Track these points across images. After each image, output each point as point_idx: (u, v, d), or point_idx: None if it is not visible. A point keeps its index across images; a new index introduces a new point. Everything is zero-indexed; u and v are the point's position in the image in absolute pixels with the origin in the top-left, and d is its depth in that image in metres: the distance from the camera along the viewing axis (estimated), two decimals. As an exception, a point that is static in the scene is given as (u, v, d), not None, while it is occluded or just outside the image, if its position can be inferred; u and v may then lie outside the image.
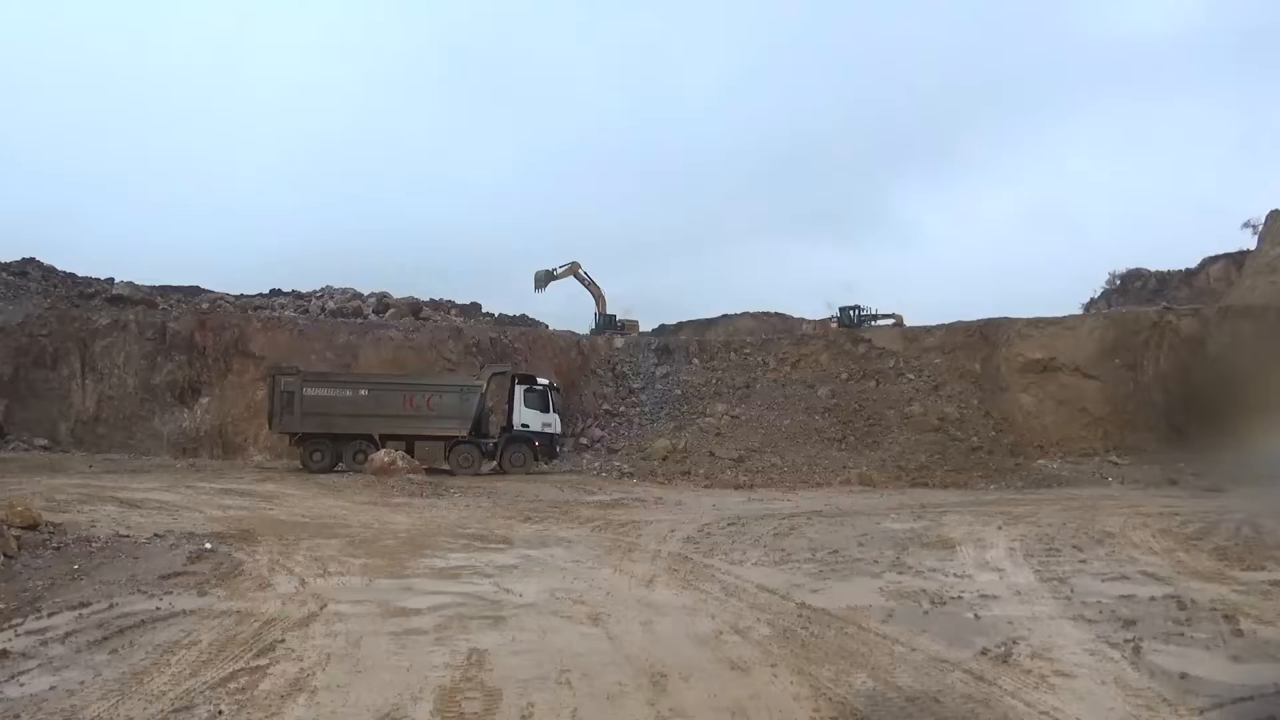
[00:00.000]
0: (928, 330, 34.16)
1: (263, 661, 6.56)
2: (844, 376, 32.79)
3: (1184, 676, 6.62)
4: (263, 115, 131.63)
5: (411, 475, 22.29)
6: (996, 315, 33.30)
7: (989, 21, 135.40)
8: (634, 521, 15.81)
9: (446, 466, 25.80)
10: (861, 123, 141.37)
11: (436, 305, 41.70)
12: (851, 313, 41.85)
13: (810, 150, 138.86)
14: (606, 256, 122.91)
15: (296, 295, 40.90)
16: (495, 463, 26.74)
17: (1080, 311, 42.46)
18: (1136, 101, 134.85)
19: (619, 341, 38.53)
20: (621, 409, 33.38)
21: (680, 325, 51.14)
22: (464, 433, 26.11)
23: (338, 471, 24.85)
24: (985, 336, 32.72)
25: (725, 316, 50.84)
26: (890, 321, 39.85)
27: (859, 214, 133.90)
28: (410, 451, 25.26)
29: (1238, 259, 45.54)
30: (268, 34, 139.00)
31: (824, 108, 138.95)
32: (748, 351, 35.82)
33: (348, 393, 26.23)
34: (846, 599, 9.17)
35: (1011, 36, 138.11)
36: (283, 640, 7.16)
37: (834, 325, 41.58)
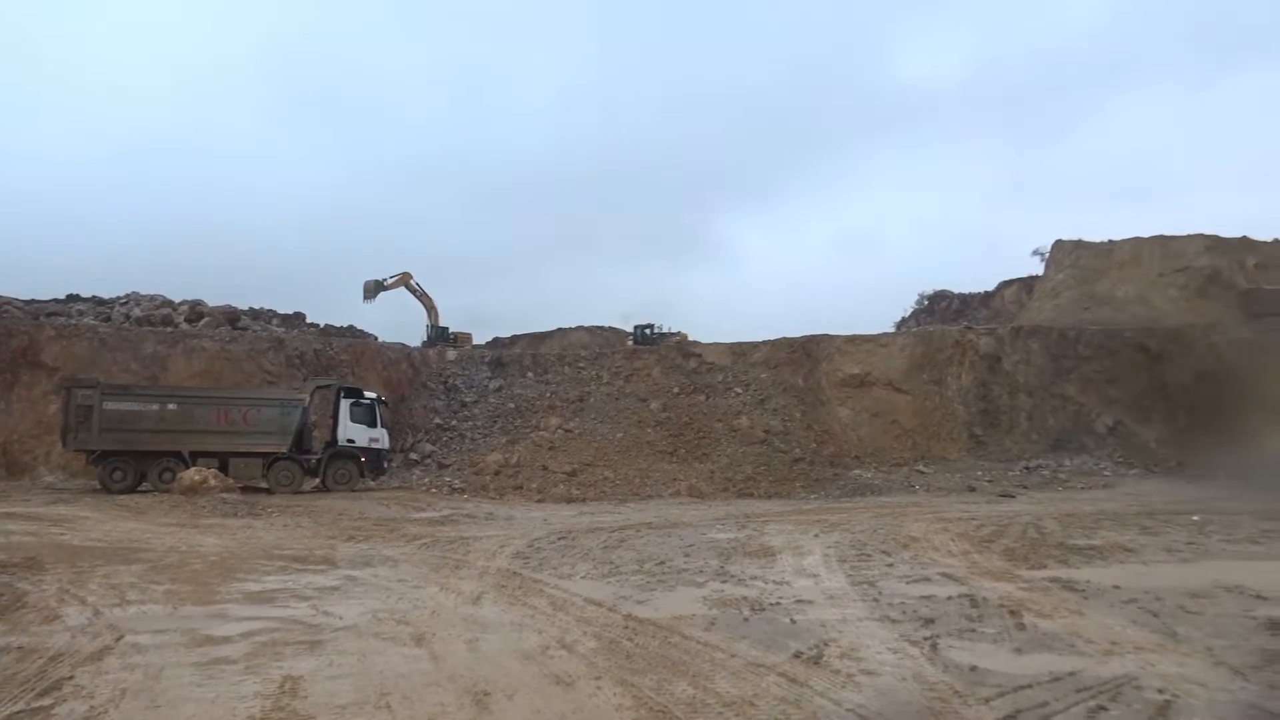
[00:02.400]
0: (755, 346, 35.45)
1: (46, 701, 6.03)
2: (675, 390, 33.54)
3: (974, 669, 7.18)
4: (70, 113, 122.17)
5: (225, 494, 21.07)
6: (818, 332, 35.10)
7: (801, 62, 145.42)
8: (463, 538, 15.57)
9: (265, 485, 24.50)
10: (687, 149, 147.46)
11: (256, 315, 39.64)
12: (646, 330, 43.31)
13: (640, 173, 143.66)
14: (439, 269, 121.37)
15: (98, 301, 37.76)
16: (318, 480, 25.65)
17: (893, 330, 45.28)
18: (930, 142, 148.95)
19: (451, 354, 37.90)
20: (453, 423, 32.80)
21: (514, 338, 50.90)
22: (284, 449, 24.89)
23: (141, 492, 23.12)
24: (808, 352, 34.34)
25: (560, 330, 51.04)
26: (675, 339, 41.30)
27: (686, 236, 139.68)
28: (224, 469, 23.78)
29: (1028, 283, 49.99)
30: (74, 28, 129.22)
31: (653, 133, 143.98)
32: (582, 365, 36.04)
33: (154, 407, 24.45)
34: (671, 609, 9.38)
35: (822, 76, 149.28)
36: (71, 677, 6.60)
37: (630, 343, 42.75)
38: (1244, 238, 43.27)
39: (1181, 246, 43.19)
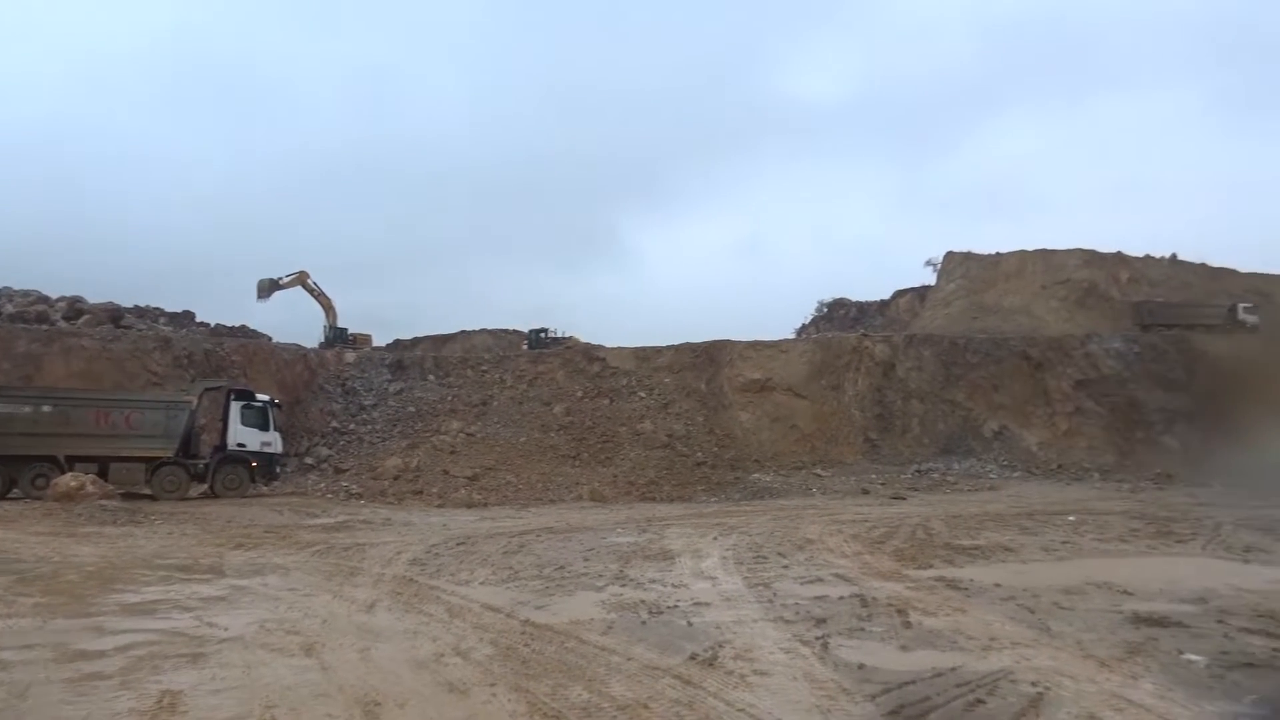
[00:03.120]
0: (659, 350, 35.73)
1: (-104, 725, 5.66)
2: (579, 394, 33.51)
3: (861, 667, 7.41)
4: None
5: (104, 501, 20.03)
6: (721, 338, 35.59)
7: (700, 70, 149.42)
8: (358, 544, 15.22)
9: (149, 491, 23.42)
10: (591, 152, 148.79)
11: (141, 313, 37.98)
12: (540, 335, 43.39)
13: (544, 177, 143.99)
14: (339, 269, 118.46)
15: (-36, 297, 35.59)
16: (206, 485, 24.67)
17: (793, 336, 46.28)
18: (822, 154, 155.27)
19: (350, 356, 37.00)
20: (351, 426, 32.02)
21: (416, 340, 50.04)
22: (169, 453, 23.84)
23: (11, 499, 21.80)
24: (711, 357, 34.81)
25: (463, 333, 50.40)
26: (567, 344, 41.49)
27: (590, 239, 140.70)
28: (104, 475, 22.56)
29: (922, 293, 51.84)
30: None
31: (557, 137, 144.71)
32: (485, 368, 35.67)
33: (26, 409, 23.09)
34: (570, 614, 9.38)
35: (719, 85, 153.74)
36: (-76, 698, 6.20)
37: (524, 347, 42.72)
38: (1118, 253, 45.95)
39: (1062, 260, 45.56)
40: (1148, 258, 46.95)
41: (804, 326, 55.20)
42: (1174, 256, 47.69)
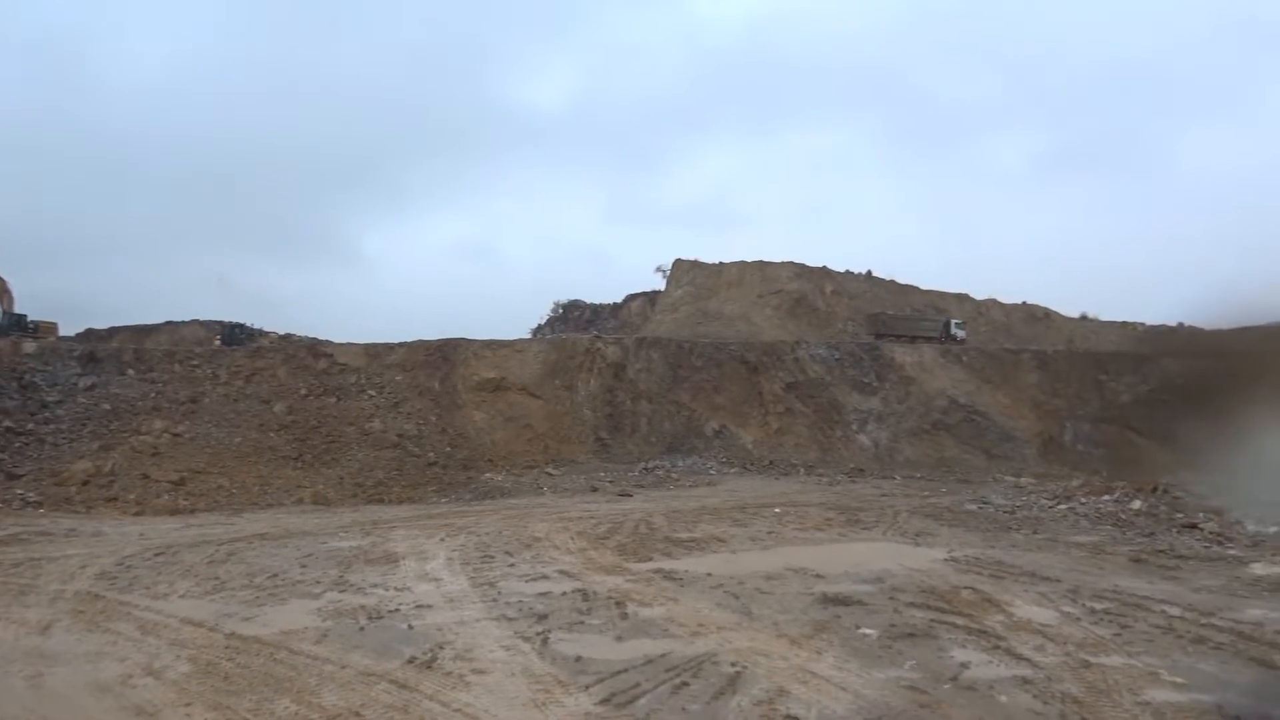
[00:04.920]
0: (390, 348, 34.60)
1: None
2: (303, 392, 31.66)
3: (579, 659, 7.67)
4: None
5: None
6: (456, 336, 35.08)
7: (427, 71, 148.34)
8: (34, 559, 13.46)
9: None
10: (309, 145, 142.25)
11: None
12: (236, 330, 40.77)
13: (258, 169, 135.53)
14: (18, 249, 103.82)
15: None
16: None
17: (528, 336, 46.61)
18: (548, 162, 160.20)
19: (30, 346, 32.56)
20: (30, 426, 28.17)
21: (113, 331, 45.02)
22: None
23: None
24: (445, 356, 34.19)
25: (170, 324, 46.03)
26: (268, 340, 39.50)
27: (309, 233, 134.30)
28: None
29: (652, 297, 54.12)
30: None
31: (280, 129, 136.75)
32: (195, 363, 32.72)
33: None
34: (281, 623, 8.91)
35: (446, 88, 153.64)
36: None
37: (217, 343, 39.93)
38: (824, 267, 50.54)
39: (776, 272, 49.39)
40: (848, 273, 52.02)
41: (539, 327, 55.80)
42: (869, 272, 53.18)
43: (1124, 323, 56.21)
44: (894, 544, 14.77)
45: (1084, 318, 56.70)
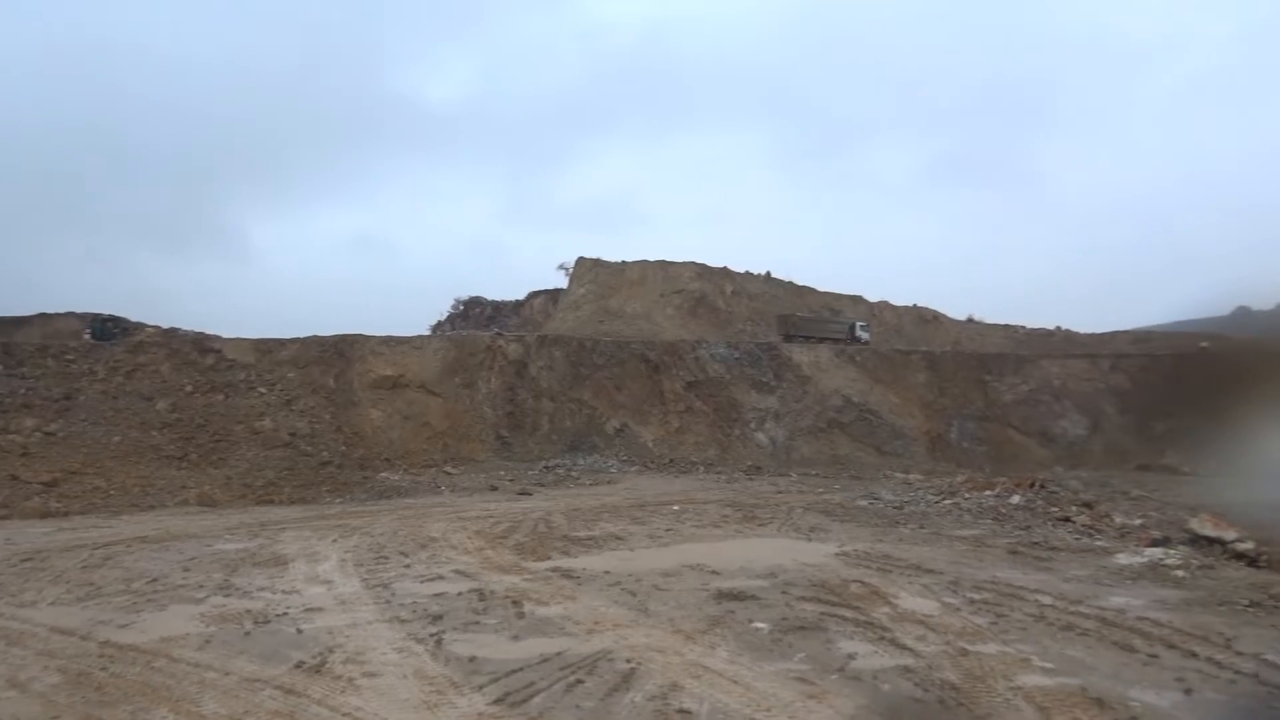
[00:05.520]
0: (282, 344, 33.51)
1: None
2: (188, 389, 30.39)
3: (473, 659, 7.61)
4: None
5: None
6: (352, 332, 34.23)
7: (319, 59, 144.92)
8: (-116, 568, 12.57)
9: None
10: (192, 136, 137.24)
11: None
12: (107, 324, 38.98)
13: (128, 154, 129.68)
14: None
15: None
16: None
17: (428, 333, 45.84)
18: (444, 156, 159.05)
19: (-116, 339, 30.36)
20: (-121, 426, 26.25)
21: (-24, 323, 42.21)
22: None
23: None
24: (340, 352, 33.32)
25: (42, 316, 43.44)
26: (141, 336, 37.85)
27: (192, 223, 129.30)
28: None
29: (554, 295, 53.94)
30: None
31: (151, 115, 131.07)
32: (70, 358, 31.00)
33: None
34: (160, 630, 8.56)
35: (337, 78, 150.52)
36: None
37: (86, 337, 38.02)
38: (725, 268, 51.32)
39: (678, 272, 49.90)
40: (748, 274, 52.95)
41: (439, 324, 54.93)
42: (769, 274, 54.25)
43: (1007, 325, 58.95)
44: (788, 540, 15.12)
45: (970, 320, 59.15)
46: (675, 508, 19.28)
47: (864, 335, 47.01)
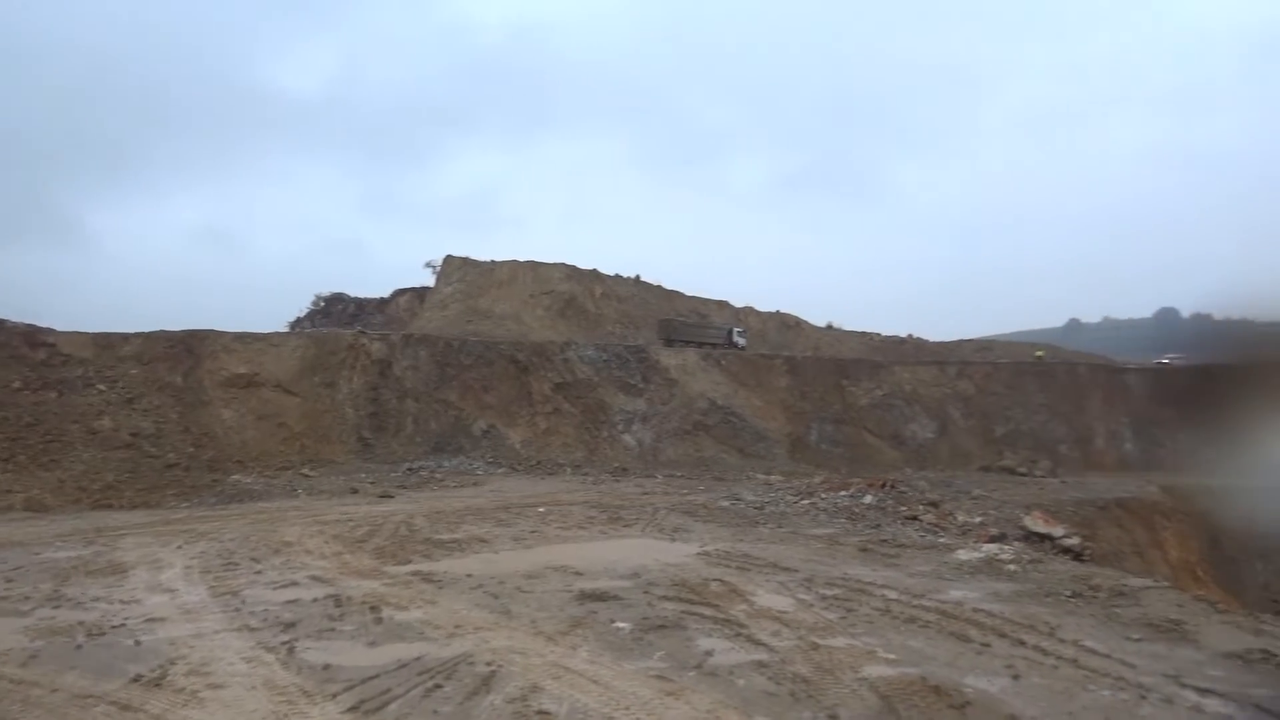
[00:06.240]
0: (125, 338, 31.53)
1: None
2: (16, 385, 28.14)
3: (327, 667, 7.40)
4: None
5: None
6: (202, 327, 32.55)
7: (159, 46, 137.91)
8: None
9: None
10: (20, 117, 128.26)
11: None
12: None
13: None
14: None
15: None
16: None
17: (286, 330, 44.08)
18: (302, 149, 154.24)
19: None
20: None
21: None
22: None
23: None
24: (189, 348, 31.63)
25: None
26: None
27: (18, 209, 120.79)
28: None
29: (421, 293, 52.84)
30: None
31: None
32: (-123, 351, 28.31)
33: None
34: (-22, 646, 7.94)
35: (187, 65, 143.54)
36: None
37: None
38: (594, 270, 51.57)
39: (548, 273, 49.80)
40: (618, 276, 53.39)
41: (299, 320, 52.89)
42: (638, 277, 54.84)
43: (863, 333, 61.60)
44: (652, 540, 15.33)
45: (830, 327, 61.53)
46: (541, 509, 19.23)
47: (740, 341, 48.45)
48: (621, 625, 8.98)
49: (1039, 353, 57.83)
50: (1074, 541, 16.38)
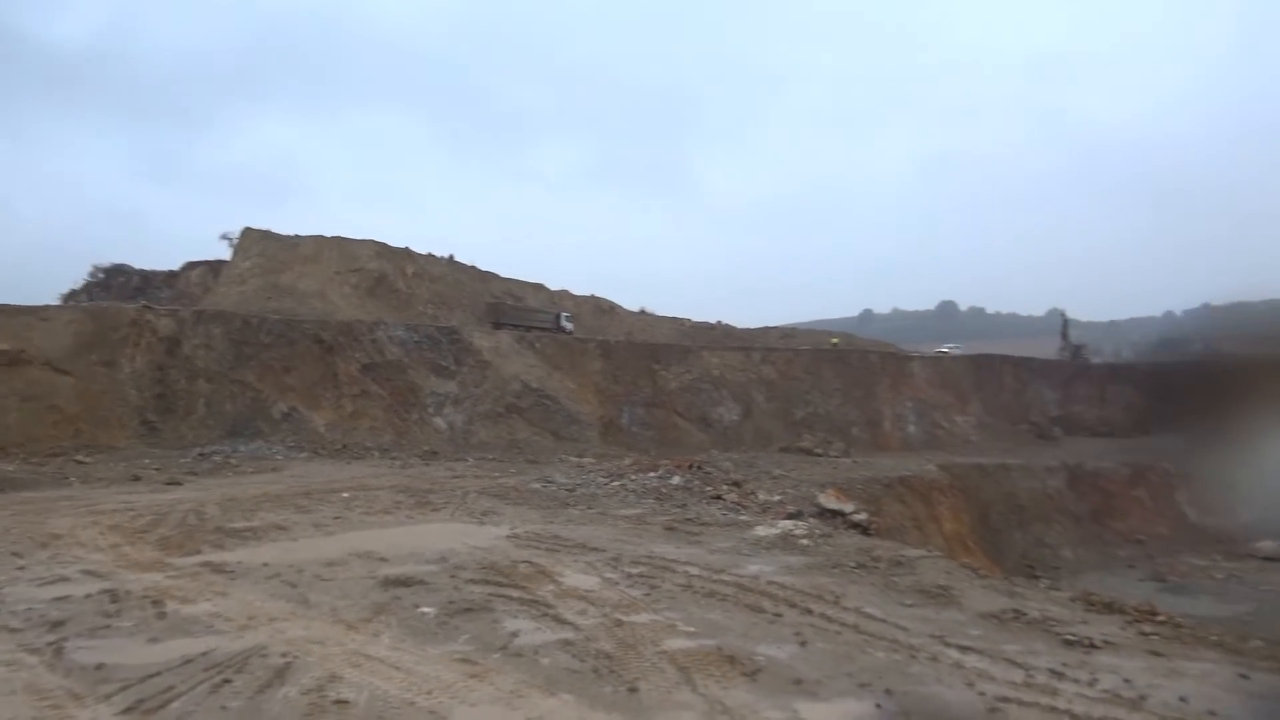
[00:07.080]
0: None
1: None
2: None
3: (100, 667, 6.88)
4: None
5: None
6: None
7: None
8: None
9: None
10: None
11: None
12: None
13: None
14: None
15: None
16: None
17: (58, 303, 40.18)
18: (68, 108, 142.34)
19: None
20: None
21: None
22: None
23: None
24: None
25: None
26: None
27: None
28: None
29: (215, 267, 49.53)
30: None
31: None
32: None
33: None
34: None
35: None
36: None
37: None
38: (406, 249, 50.12)
39: (356, 250, 47.92)
40: (430, 256, 52.15)
41: (74, 293, 48.28)
42: (452, 257, 53.81)
43: (675, 318, 63.26)
44: (460, 524, 15.16)
45: (643, 312, 62.80)
46: (345, 495, 18.58)
47: (568, 326, 48.91)
48: (426, 610, 8.86)
49: (834, 340, 61.48)
50: (862, 517, 17.63)
